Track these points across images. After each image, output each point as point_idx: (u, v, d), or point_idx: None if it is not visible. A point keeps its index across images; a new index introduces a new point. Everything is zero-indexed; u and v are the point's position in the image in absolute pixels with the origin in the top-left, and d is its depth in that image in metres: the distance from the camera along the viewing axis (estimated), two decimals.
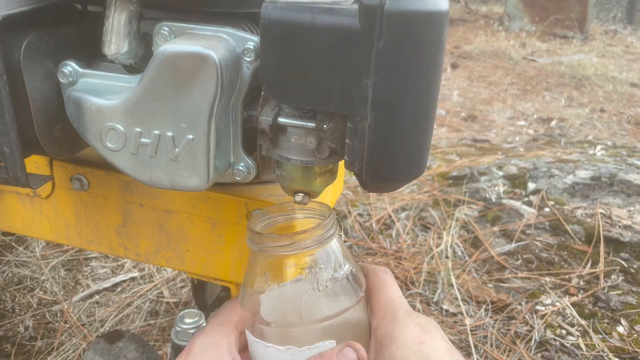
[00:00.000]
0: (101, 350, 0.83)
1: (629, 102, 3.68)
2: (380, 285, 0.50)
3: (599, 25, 6.87)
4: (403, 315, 0.47)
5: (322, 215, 0.51)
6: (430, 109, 0.44)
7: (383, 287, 0.50)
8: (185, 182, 0.50)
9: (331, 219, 0.48)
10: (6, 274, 1.47)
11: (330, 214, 0.49)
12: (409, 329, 0.45)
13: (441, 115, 3.19)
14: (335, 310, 0.47)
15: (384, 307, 0.49)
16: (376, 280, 0.51)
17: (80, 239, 0.70)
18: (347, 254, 0.50)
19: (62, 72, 0.52)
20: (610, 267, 1.53)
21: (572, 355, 1.25)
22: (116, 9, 0.50)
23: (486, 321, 1.35)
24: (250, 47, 0.47)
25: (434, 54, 0.41)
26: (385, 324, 0.47)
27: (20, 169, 0.50)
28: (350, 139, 0.44)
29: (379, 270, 0.52)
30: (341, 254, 0.49)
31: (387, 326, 0.47)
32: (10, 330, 1.27)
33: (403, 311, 0.48)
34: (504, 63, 4.64)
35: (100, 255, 1.58)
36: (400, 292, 0.51)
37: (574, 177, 1.94)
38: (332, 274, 0.47)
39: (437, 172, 2.14)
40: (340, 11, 0.41)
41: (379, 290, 0.50)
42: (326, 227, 0.47)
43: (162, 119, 0.48)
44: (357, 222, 1.78)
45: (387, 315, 0.48)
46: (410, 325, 0.46)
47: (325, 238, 0.47)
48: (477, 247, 1.65)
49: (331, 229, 0.48)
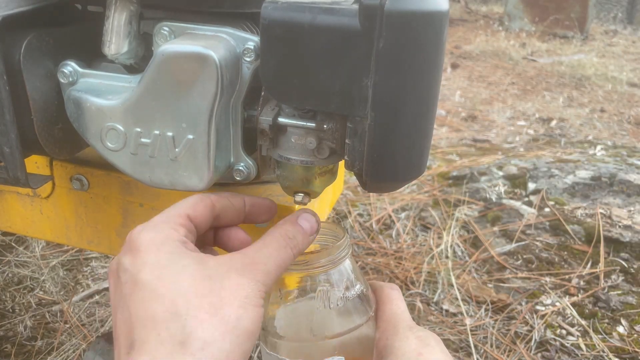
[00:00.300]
0: (101, 350, 0.83)
1: (629, 102, 3.68)
2: (386, 300, 0.52)
3: (599, 25, 6.87)
4: (404, 328, 0.49)
5: (336, 237, 0.52)
6: (430, 109, 0.44)
7: (388, 302, 0.52)
8: (186, 182, 0.50)
9: (345, 241, 0.50)
10: (6, 274, 1.47)
11: (344, 235, 0.51)
12: (409, 342, 0.47)
13: (441, 115, 3.19)
14: (345, 328, 0.48)
15: (387, 320, 0.50)
16: (382, 296, 0.53)
17: (81, 239, 0.70)
18: (358, 274, 0.52)
19: (62, 72, 0.52)
20: (611, 267, 1.53)
21: (572, 355, 1.25)
22: (116, 9, 0.50)
23: (486, 321, 1.35)
24: (250, 47, 0.47)
25: (434, 54, 0.41)
26: (387, 335, 0.49)
27: (20, 169, 0.50)
28: (350, 139, 0.44)
29: (386, 286, 0.54)
30: (353, 275, 0.51)
31: (389, 338, 0.48)
32: (10, 330, 1.27)
33: (405, 324, 0.49)
34: (504, 63, 4.64)
35: (100, 255, 1.58)
36: (405, 307, 0.52)
37: (574, 177, 1.94)
38: (343, 293, 0.49)
39: (437, 172, 2.14)
40: (340, 11, 0.41)
41: (384, 305, 0.52)
42: (339, 249, 0.49)
43: (162, 119, 0.48)
44: (357, 222, 1.78)
45: (389, 327, 0.49)
46: (410, 338, 0.47)
47: (339, 259, 0.49)
48: (477, 247, 1.65)
49: (344, 250, 0.50)
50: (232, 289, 0.38)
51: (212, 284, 0.38)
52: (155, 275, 0.38)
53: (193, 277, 0.38)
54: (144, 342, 0.36)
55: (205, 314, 0.36)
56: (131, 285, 0.38)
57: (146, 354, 0.35)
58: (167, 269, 0.38)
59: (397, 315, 0.50)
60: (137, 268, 0.39)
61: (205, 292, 0.37)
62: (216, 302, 0.37)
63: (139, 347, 0.36)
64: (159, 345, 0.35)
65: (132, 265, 0.39)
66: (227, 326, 0.36)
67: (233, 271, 0.39)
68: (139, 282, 0.38)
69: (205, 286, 0.38)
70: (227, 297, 0.37)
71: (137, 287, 0.38)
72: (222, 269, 0.39)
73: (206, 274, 0.39)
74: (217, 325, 0.36)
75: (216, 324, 0.36)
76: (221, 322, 0.36)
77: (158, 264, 0.39)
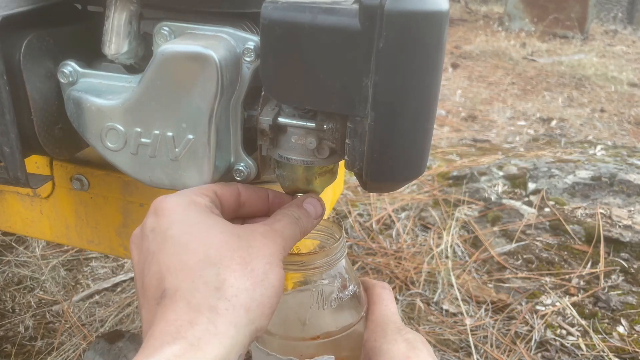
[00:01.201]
0: (101, 350, 0.83)
1: (629, 102, 3.68)
2: (377, 300, 0.53)
3: (599, 25, 6.87)
4: (393, 330, 0.49)
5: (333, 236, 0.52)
6: (430, 109, 0.44)
7: (379, 302, 0.52)
8: (186, 182, 0.50)
9: (341, 242, 0.50)
10: (6, 274, 1.47)
11: (341, 235, 0.51)
12: (397, 344, 0.48)
13: (441, 115, 3.19)
14: (337, 328, 0.49)
15: (376, 321, 0.51)
16: (373, 295, 0.53)
17: (81, 239, 0.70)
18: (353, 275, 0.52)
19: (62, 72, 0.52)
20: (611, 267, 1.53)
21: (572, 355, 1.25)
22: (116, 9, 0.50)
23: (486, 321, 1.35)
24: (250, 47, 0.47)
25: (434, 53, 0.41)
26: (375, 337, 0.49)
27: (20, 169, 0.50)
28: (350, 139, 0.44)
29: (378, 285, 0.54)
30: (347, 276, 0.51)
31: (377, 339, 0.49)
32: (11, 330, 1.27)
33: (393, 326, 0.50)
34: (504, 63, 4.64)
35: (101, 255, 1.58)
36: (395, 308, 0.53)
37: (574, 177, 1.94)
38: (337, 294, 0.49)
39: (437, 172, 2.14)
40: (341, 11, 0.41)
41: (374, 305, 0.52)
42: (335, 250, 0.50)
43: (162, 119, 0.48)
44: (357, 222, 1.78)
45: (378, 329, 0.50)
46: (398, 340, 0.48)
47: (335, 260, 0.50)
48: (477, 247, 1.65)
49: (340, 252, 0.50)
50: (259, 247, 0.40)
51: (240, 241, 0.40)
52: (185, 231, 0.40)
53: (223, 232, 0.40)
54: (177, 290, 0.37)
55: (237, 265, 0.38)
56: (160, 242, 0.40)
57: (180, 300, 0.36)
58: (196, 226, 0.40)
59: (386, 317, 0.51)
60: (164, 226, 0.40)
61: (235, 247, 0.39)
62: (245, 256, 0.39)
63: (171, 295, 0.37)
64: (193, 291, 0.36)
65: (159, 224, 0.41)
66: (257, 279, 0.38)
67: (257, 234, 0.42)
68: (168, 237, 0.40)
69: (235, 241, 0.40)
70: (255, 253, 0.40)
71: (166, 241, 0.39)
72: (247, 230, 0.42)
73: (234, 232, 0.41)
74: (248, 276, 0.38)
75: (247, 274, 0.38)
76: (251, 274, 0.38)
77: (187, 222, 0.40)
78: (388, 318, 0.51)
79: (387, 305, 0.52)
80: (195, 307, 0.35)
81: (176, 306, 0.36)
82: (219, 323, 0.35)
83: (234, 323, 0.36)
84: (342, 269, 0.50)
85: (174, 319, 0.35)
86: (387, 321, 0.50)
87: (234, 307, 0.36)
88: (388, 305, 0.52)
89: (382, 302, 0.52)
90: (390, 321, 0.50)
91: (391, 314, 0.51)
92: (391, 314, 0.51)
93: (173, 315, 0.35)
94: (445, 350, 1.26)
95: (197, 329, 0.34)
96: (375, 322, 0.51)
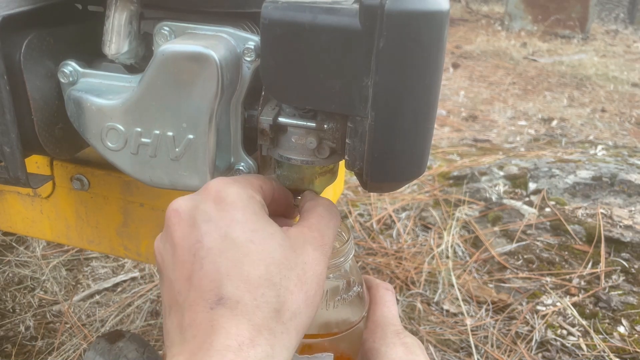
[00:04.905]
0: (102, 350, 0.83)
1: (630, 102, 3.67)
2: (379, 301, 0.53)
3: (600, 25, 6.87)
4: (392, 333, 0.50)
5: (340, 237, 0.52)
6: (430, 109, 0.44)
7: (381, 303, 0.53)
8: (186, 182, 0.50)
9: (348, 244, 0.50)
10: (7, 274, 1.47)
11: (349, 236, 0.51)
12: (395, 348, 0.48)
13: (442, 115, 3.19)
14: (338, 328, 0.49)
15: (376, 322, 0.51)
16: (376, 296, 0.54)
17: (81, 239, 0.70)
18: (358, 275, 0.52)
19: (62, 72, 0.52)
20: (611, 267, 1.53)
21: (572, 355, 1.25)
22: (117, 9, 0.50)
23: (487, 321, 1.35)
24: (250, 47, 0.47)
25: (434, 53, 0.41)
26: (374, 338, 0.50)
27: (20, 169, 0.50)
28: (350, 139, 0.44)
29: (381, 286, 0.55)
30: (352, 277, 0.51)
31: (376, 341, 0.50)
32: (11, 330, 1.27)
33: (392, 329, 0.50)
34: (505, 63, 4.63)
35: (101, 255, 1.58)
36: (396, 310, 0.53)
37: (574, 177, 1.94)
38: (341, 295, 0.49)
39: (437, 172, 2.14)
40: (341, 11, 0.41)
41: (375, 305, 0.53)
42: (342, 252, 0.49)
43: (163, 118, 0.48)
44: (358, 222, 1.78)
45: (377, 330, 0.51)
46: (396, 344, 0.49)
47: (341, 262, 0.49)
48: (477, 247, 1.65)
49: (348, 254, 0.50)
50: (312, 264, 0.41)
51: (296, 257, 0.40)
52: (247, 237, 0.39)
53: (281, 246, 0.40)
54: (238, 302, 0.37)
55: (295, 287, 0.39)
56: (218, 240, 0.39)
57: (243, 315, 0.37)
58: (257, 233, 0.40)
59: (387, 319, 0.51)
60: (225, 222, 0.39)
61: (292, 265, 0.40)
62: (301, 275, 0.40)
63: (232, 305, 0.37)
64: (255, 308, 0.37)
65: (219, 217, 0.40)
66: (308, 300, 0.39)
67: (308, 244, 0.42)
68: (228, 238, 0.39)
69: (291, 258, 0.40)
70: (309, 271, 0.40)
71: (226, 243, 0.39)
72: (299, 240, 0.42)
73: (290, 245, 0.41)
74: (303, 298, 0.39)
75: (302, 297, 0.39)
76: (305, 296, 0.39)
77: (248, 225, 0.40)
78: (388, 320, 0.51)
79: (388, 307, 0.53)
80: (256, 327, 0.36)
81: (238, 320, 0.36)
82: (276, 346, 0.37)
83: (287, 346, 0.37)
84: (348, 270, 0.51)
85: (236, 333, 0.36)
86: (387, 323, 0.51)
87: (288, 330, 0.38)
88: (389, 307, 0.53)
89: (384, 304, 0.53)
90: (390, 323, 0.51)
91: (392, 317, 0.52)
92: (392, 317, 0.52)
93: (234, 330, 0.36)
94: (446, 351, 1.26)
95: (258, 350, 0.35)
96: (375, 323, 0.51)
